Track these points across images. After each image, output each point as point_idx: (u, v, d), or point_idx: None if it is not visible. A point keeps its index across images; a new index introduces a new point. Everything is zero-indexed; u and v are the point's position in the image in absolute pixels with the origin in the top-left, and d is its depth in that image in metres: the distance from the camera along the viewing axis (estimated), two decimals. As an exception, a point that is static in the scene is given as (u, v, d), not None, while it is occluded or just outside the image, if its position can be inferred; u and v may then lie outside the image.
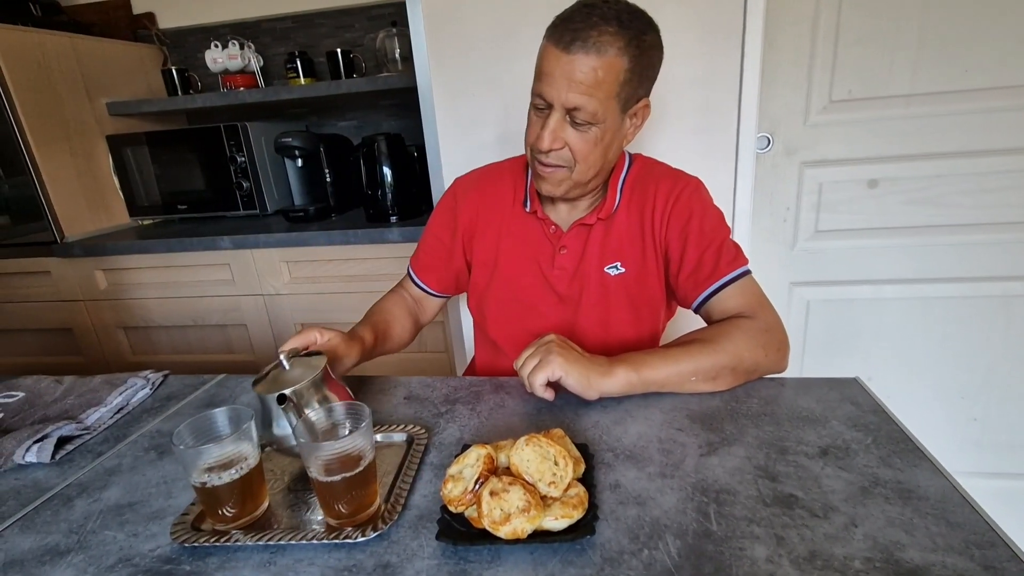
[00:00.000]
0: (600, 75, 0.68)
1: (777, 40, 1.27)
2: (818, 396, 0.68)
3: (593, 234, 0.84)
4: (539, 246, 0.87)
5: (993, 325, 1.37)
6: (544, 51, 0.71)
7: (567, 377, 0.65)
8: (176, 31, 1.97)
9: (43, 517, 0.57)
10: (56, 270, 1.63)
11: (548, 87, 0.71)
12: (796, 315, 1.47)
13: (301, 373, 0.59)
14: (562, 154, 0.75)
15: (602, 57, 0.68)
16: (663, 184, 0.83)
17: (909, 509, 0.48)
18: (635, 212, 0.84)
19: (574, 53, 0.68)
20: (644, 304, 0.86)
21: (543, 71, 0.71)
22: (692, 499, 0.52)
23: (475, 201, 0.91)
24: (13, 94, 1.47)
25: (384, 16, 1.81)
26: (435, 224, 0.95)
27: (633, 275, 0.84)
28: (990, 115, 1.24)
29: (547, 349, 0.67)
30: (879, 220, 1.35)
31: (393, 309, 0.93)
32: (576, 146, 0.74)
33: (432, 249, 0.95)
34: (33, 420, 0.74)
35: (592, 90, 0.69)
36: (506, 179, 0.91)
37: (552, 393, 0.68)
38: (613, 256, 0.84)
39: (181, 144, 1.71)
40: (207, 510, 0.53)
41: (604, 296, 0.85)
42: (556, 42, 0.69)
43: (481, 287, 0.92)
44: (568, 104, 0.70)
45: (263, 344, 1.62)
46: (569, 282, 0.86)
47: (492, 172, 0.94)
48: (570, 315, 0.87)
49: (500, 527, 0.46)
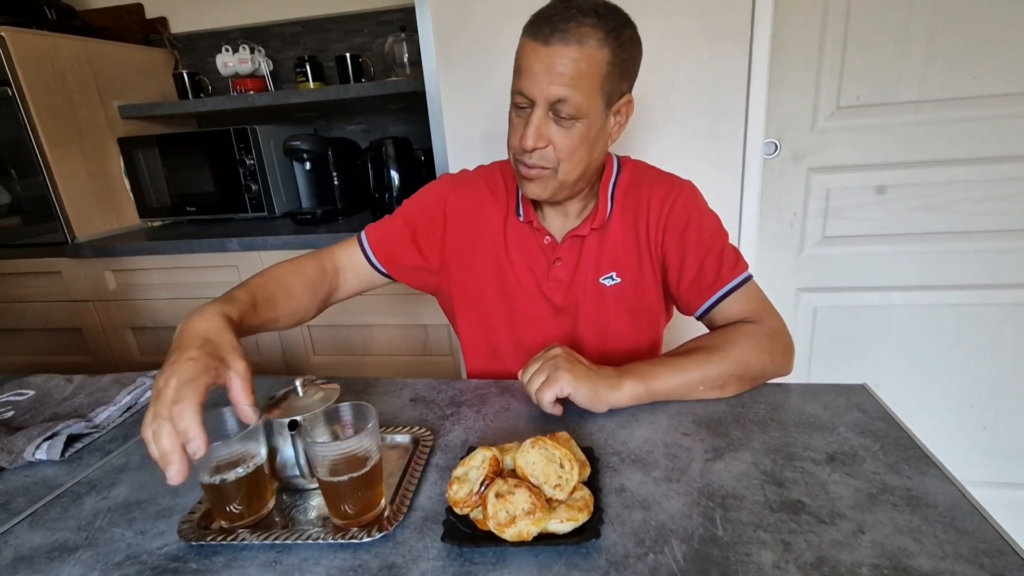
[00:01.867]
0: (582, 66, 0.67)
1: (785, 45, 1.27)
2: (825, 402, 0.68)
3: (587, 245, 0.83)
4: (534, 257, 0.85)
5: (1003, 333, 1.36)
6: (523, 47, 0.70)
7: (576, 393, 0.65)
8: (188, 35, 2.00)
9: (52, 514, 0.57)
10: (66, 270, 1.65)
11: (529, 82, 0.69)
12: (803, 321, 1.46)
13: (314, 402, 0.57)
14: (546, 153, 0.72)
15: (583, 48, 0.67)
16: (657, 190, 0.81)
17: (917, 516, 0.48)
18: (629, 220, 0.82)
19: (554, 45, 0.67)
20: (642, 313, 0.85)
21: (523, 67, 0.70)
22: (698, 504, 0.51)
23: (469, 206, 0.87)
24: (28, 96, 1.49)
25: (393, 21, 1.82)
26: (415, 210, 0.87)
27: (629, 285, 0.83)
28: (999, 121, 1.23)
29: (555, 364, 0.66)
30: (887, 226, 1.35)
31: (288, 278, 0.76)
32: (560, 143, 0.71)
33: (397, 230, 0.86)
34: (43, 418, 0.75)
35: (575, 81, 0.67)
36: (499, 184, 0.88)
37: (560, 409, 0.68)
38: (608, 267, 0.83)
39: (191, 147, 1.73)
40: (214, 508, 0.53)
41: (601, 307, 0.84)
42: (534, 36, 0.68)
43: (475, 295, 0.88)
44: (551, 97, 0.68)
45: (270, 346, 1.63)
46: (565, 294, 0.84)
47: (484, 176, 0.90)
48: (568, 326, 0.86)
49: (505, 529, 0.46)
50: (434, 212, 0.87)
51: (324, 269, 0.81)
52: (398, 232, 0.86)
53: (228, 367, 0.52)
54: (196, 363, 0.49)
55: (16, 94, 1.48)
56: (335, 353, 1.61)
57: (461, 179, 0.90)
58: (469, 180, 0.90)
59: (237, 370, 0.52)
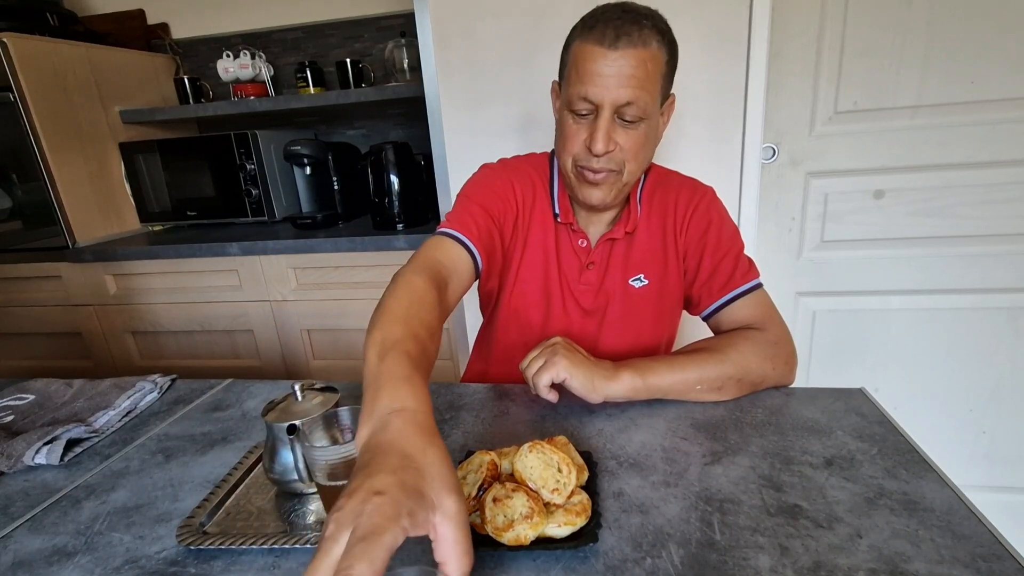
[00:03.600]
0: (649, 68, 0.68)
1: (783, 51, 1.28)
2: (823, 406, 0.68)
3: (617, 248, 0.84)
4: (567, 259, 0.85)
5: (1001, 337, 1.36)
6: (584, 53, 0.69)
7: (571, 379, 0.65)
8: (189, 41, 2.01)
9: (51, 518, 0.57)
10: (67, 275, 1.65)
11: (596, 88, 0.68)
12: (802, 325, 1.46)
13: (313, 406, 0.57)
14: (614, 156, 0.73)
15: (648, 49, 0.68)
16: (683, 193, 0.83)
17: (915, 521, 0.48)
18: (656, 223, 0.84)
19: (622, 49, 0.67)
20: (665, 313, 0.86)
21: (588, 72, 0.69)
22: (696, 508, 0.51)
23: (529, 196, 0.84)
24: (29, 102, 1.50)
25: (393, 27, 1.83)
26: (489, 196, 0.81)
27: (656, 287, 0.84)
28: (996, 127, 1.24)
29: (552, 351, 0.67)
30: (885, 231, 1.35)
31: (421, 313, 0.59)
32: (627, 145, 0.72)
33: (480, 217, 0.78)
34: (43, 422, 0.75)
35: (643, 83, 0.68)
36: (536, 182, 0.86)
37: (556, 395, 0.68)
38: (636, 269, 0.84)
39: (192, 151, 1.73)
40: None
41: (629, 309, 0.85)
42: (599, 41, 0.68)
43: (504, 292, 0.87)
44: (620, 101, 0.69)
45: (269, 350, 1.63)
46: (595, 296, 0.86)
47: (524, 169, 0.86)
48: (594, 328, 0.87)
49: (503, 534, 0.46)
50: (506, 196, 0.83)
51: (441, 289, 0.67)
52: (482, 219, 0.78)
53: (433, 509, 0.36)
54: (385, 503, 0.34)
55: (18, 99, 1.49)
56: (335, 357, 1.61)
57: (514, 168, 0.86)
58: (522, 171, 0.86)
59: (447, 513, 0.36)
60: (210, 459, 0.66)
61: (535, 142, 1.28)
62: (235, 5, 1.94)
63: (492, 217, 0.80)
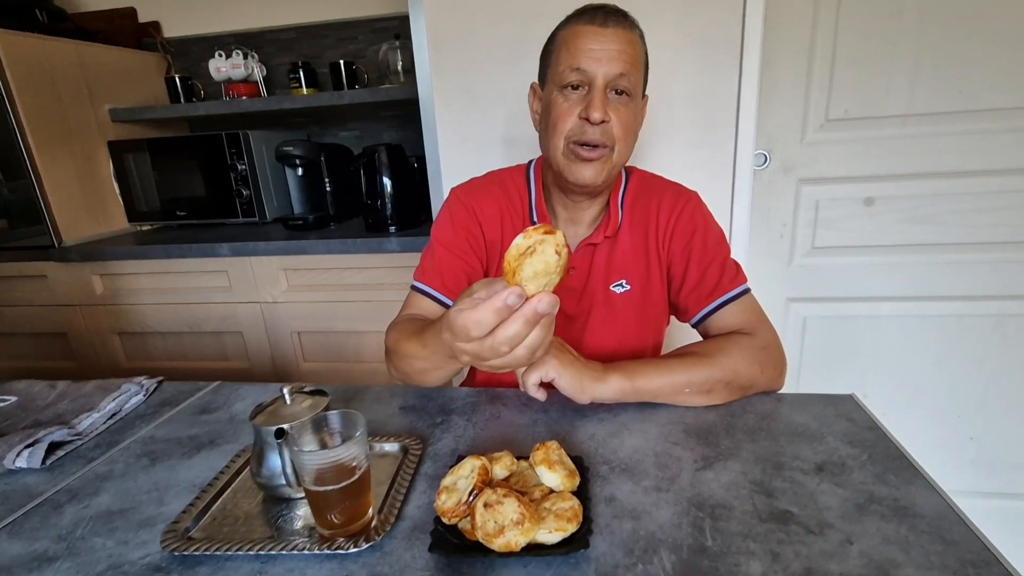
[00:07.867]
0: (636, 49, 0.74)
1: (775, 59, 1.29)
2: (814, 412, 0.68)
3: (598, 253, 0.84)
4: None
5: (988, 344, 1.38)
6: (576, 32, 0.73)
7: (560, 379, 0.65)
8: (181, 40, 1.99)
9: (32, 523, 0.56)
10: (53, 274, 1.63)
11: (589, 60, 0.72)
12: (793, 331, 1.47)
13: (302, 410, 0.56)
14: (608, 129, 0.74)
15: (634, 34, 0.74)
16: (665, 199, 0.83)
17: (905, 527, 0.48)
18: (639, 228, 0.84)
19: (612, 28, 0.72)
20: (649, 319, 0.86)
21: (581, 47, 0.72)
22: (687, 514, 0.51)
23: (495, 215, 0.86)
24: (16, 99, 1.47)
25: (387, 29, 1.83)
26: (450, 232, 0.85)
27: (638, 292, 0.85)
28: (985, 136, 1.25)
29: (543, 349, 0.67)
30: (875, 238, 1.36)
31: None
32: (619, 117, 0.74)
33: (447, 263, 0.84)
34: (25, 424, 0.73)
35: (633, 62, 0.73)
36: (511, 191, 0.87)
37: (544, 393, 0.68)
38: (618, 274, 0.84)
39: (182, 151, 1.72)
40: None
41: (611, 314, 0.85)
42: (590, 21, 0.73)
43: None
44: (612, 73, 0.72)
45: (259, 352, 1.61)
46: (577, 301, 0.86)
47: (497, 183, 0.88)
48: (576, 333, 0.87)
49: (494, 540, 0.45)
50: (468, 223, 0.85)
51: None
52: (449, 264, 0.83)
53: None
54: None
55: (5, 96, 1.46)
56: (325, 360, 1.60)
57: (476, 188, 0.88)
58: (484, 188, 0.88)
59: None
60: (196, 463, 0.65)
61: (528, 145, 1.28)
62: (228, 5, 1.93)
63: (458, 255, 0.84)
